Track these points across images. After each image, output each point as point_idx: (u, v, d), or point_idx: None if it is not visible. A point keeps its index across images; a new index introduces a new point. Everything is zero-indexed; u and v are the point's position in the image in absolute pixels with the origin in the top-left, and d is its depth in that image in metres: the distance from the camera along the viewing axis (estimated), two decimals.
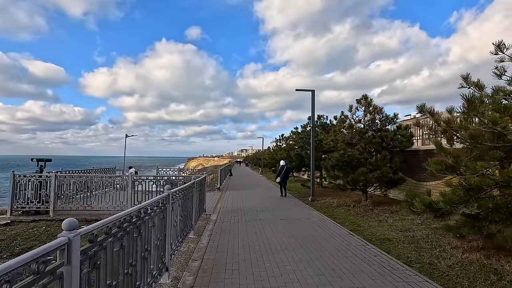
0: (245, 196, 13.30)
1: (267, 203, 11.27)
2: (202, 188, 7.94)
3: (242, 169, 48.83)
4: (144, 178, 9.01)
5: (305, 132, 15.94)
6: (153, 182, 9.15)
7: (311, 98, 12.06)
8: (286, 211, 9.42)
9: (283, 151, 23.34)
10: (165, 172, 15.46)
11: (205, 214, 8.63)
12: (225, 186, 18.00)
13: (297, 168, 16.81)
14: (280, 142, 30.77)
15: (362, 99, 10.54)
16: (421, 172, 10.49)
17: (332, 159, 10.09)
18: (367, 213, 8.98)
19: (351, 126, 9.74)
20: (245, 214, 8.89)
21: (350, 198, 11.71)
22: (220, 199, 12.23)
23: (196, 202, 6.89)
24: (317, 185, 16.35)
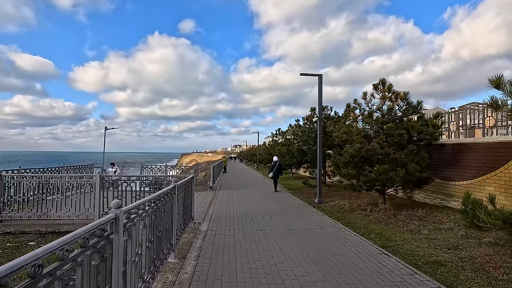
0: (241, 197, 11.64)
1: (267, 205, 9.65)
2: (188, 191, 6.26)
3: (236, 165, 47.13)
4: (116, 179, 7.24)
5: (308, 125, 14.30)
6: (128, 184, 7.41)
7: (318, 84, 10.41)
8: (292, 218, 7.80)
9: (281, 146, 21.72)
10: (151, 170, 13.68)
11: (193, 223, 6.95)
12: (219, 185, 16.31)
13: (298, 164, 15.19)
14: (276, 136, 29.13)
15: (380, 84, 8.93)
16: (447, 170, 8.97)
17: (345, 155, 8.49)
18: (390, 220, 7.43)
19: (370, 115, 8.12)
20: (242, 222, 7.24)
21: (363, 200, 10.17)
22: (212, 201, 10.55)
23: (179, 212, 5.21)
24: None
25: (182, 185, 5.40)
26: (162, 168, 13.50)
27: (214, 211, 8.75)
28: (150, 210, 3.33)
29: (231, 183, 17.42)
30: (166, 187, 4.50)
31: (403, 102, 8.14)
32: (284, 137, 27.98)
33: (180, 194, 5.30)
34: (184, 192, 5.73)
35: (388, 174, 7.48)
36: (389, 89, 8.58)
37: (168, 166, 13.98)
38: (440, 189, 9.20)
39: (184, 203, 5.75)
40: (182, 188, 5.42)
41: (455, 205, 8.72)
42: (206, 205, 9.80)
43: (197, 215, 8.03)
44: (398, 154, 7.67)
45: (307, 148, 13.76)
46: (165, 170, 13.43)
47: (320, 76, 10.45)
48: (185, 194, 5.85)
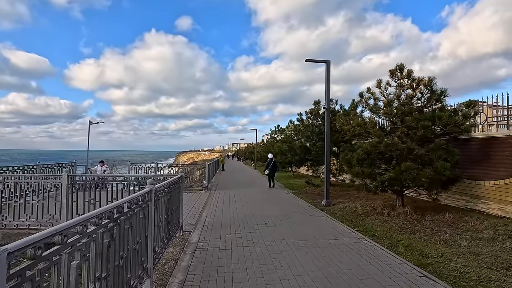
0: (239, 198, 10.48)
1: (269, 208, 8.50)
2: (174, 194, 5.09)
3: (233, 163, 45.92)
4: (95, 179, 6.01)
5: (312, 120, 13.14)
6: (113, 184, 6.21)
7: (326, 72, 9.25)
8: (299, 224, 6.66)
9: (281, 143, 20.58)
10: (140, 168, 12.47)
11: (181, 232, 5.78)
12: (215, 184, 15.13)
13: (300, 162, 14.04)
14: (275, 134, 27.98)
15: (397, 70, 7.79)
16: (474, 168, 7.86)
17: (359, 151, 7.36)
18: (415, 227, 6.31)
19: (389, 104, 6.96)
20: (241, 230, 6.08)
21: (376, 202, 9.06)
22: (207, 204, 9.38)
23: (160, 223, 4.04)
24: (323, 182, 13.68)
25: (164, 188, 4.22)
26: (152, 166, 12.30)
27: (208, 215, 7.58)
28: (102, 231, 2.16)
29: (228, 182, 16.24)
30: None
31: (427, 89, 7.00)
32: (283, 134, 26.85)
33: (162, 200, 4.13)
34: (168, 196, 4.56)
35: (411, 172, 6.35)
36: (409, 75, 7.44)
37: (162, 164, 12.78)
38: (465, 190, 8.10)
39: (168, 210, 4.58)
40: (164, 192, 4.25)
41: (484, 208, 7.64)
42: (199, 208, 8.63)
43: (187, 222, 6.86)
44: (423, 150, 6.54)
45: (310, 145, 12.62)
46: (155, 168, 12.24)
47: (328, 63, 9.30)
48: (169, 198, 4.68)
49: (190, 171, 16.06)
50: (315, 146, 12.26)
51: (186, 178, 15.65)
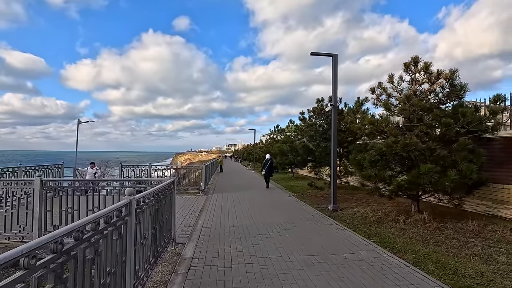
0: (239, 202, 9.74)
1: (272, 214, 7.77)
2: (165, 202, 4.34)
3: (231, 164, 45.14)
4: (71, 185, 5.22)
5: (315, 119, 12.42)
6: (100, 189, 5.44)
7: (332, 66, 8.55)
8: (308, 234, 5.93)
9: (281, 144, 19.86)
10: (132, 170, 11.67)
11: (173, 245, 5.03)
12: (212, 187, 14.37)
13: (302, 163, 13.31)
14: (275, 134, 27.26)
15: (412, 63, 7.10)
16: (496, 170, 7.18)
17: (372, 152, 6.65)
18: (437, 237, 5.61)
19: (408, 99, 6.24)
20: (242, 242, 5.34)
21: (387, 206, 8.35)
22: (203, 209, 8.62)
23: (144, 240, 3.29)
24: (328, 184, 12.98)
25: (150, 198, 3.48)
26: (146, 168, 11.53)
27: (205, 223, 6.82)
28: (40, 273, 1.42)
29: (226, 185, 15.48)
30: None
31: (448, 83, 6.30)
32: (283, 134, 26.14)
33: (147, 211, 3.38)
34: (156, 205, 3.81)
35: (432, 176, 5.65)
36: (426, 68, 6.75)
37: (156, 166, 12.00)
38: (486, 194, 7.42)
39: (156, 222, 3.83)
40: (150, 202, 3.50)
41: (508, 214, 6.96)
42: (195, 214, 7.87)
43: (181, 231, 6.11)
44: (445, 150, 5.84)
45: (314, 145, 11.90)
46: (149, 170, 11.47)
47: (335, 56, 8.59)
48: (158, 208, 3.93)
49: (187, 173, 15.31)
50: (318, 147, 11.56)
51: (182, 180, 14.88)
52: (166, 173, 11.91)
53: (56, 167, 10.83)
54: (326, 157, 12.22)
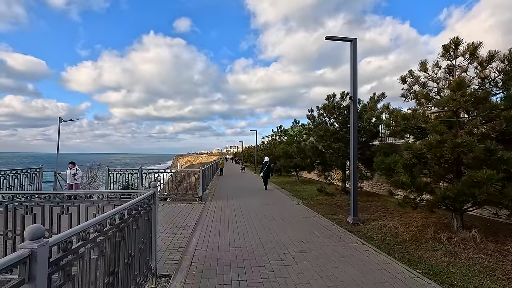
0: (241, 213, 8.41)
1: (281, 228, 6.43)
2: (137, 227, 3.02)
3: (232, 167, 43.74)
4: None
5: (326, 117, 11.08)
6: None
7: (352, 52, 7.25)
8: (331, 259, 4.59)
9: (285, 145, 18.55)
10: (120, 175, 10.34)
11: (153, 281, 3.68)
12: (211, 192, 13.03)
13: (311, 166, 11.97)
14: (277, 135, 25.94)
15: (452, 44, 5.78)
16: None
17: (407, 154, 5.32)
18: (504, 265, 4.26)
19: (460, 86, 4.88)
20: (247, 275, 4.00)
21: (415, 217, 7.01)
22: (199, 222, 7.29)
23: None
24: (340, 190, 11.65)
25: (101, 229, 2.15)
26: (136, 173, 10.20)
27: (200, 242, 5.48)
28: None
29: (226, 190, 14.14)
30: None
31: (509, 66, 4.97)
32: (286, 135, 24.83)
33: (103, 246, 2.06)
34: (119, 235, 2.48)
35: (494, 184, 4.31)
36: (474, 50, 5.43)
37: (148, 169, 10.67)
38: None
39: (119, 259, 2.50)
40: (110, 232, 2.18)
41: None
42: (188, 229, 6.53)
43: (169, 254, 4.78)
44: (508, 152, 4.50)
45: (324, 146, 10.58)
46: (140, 175, 10.14)
47: (354, 41, 7.30)
48: (122, 239, 2.60)
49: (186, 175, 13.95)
50: (329, 148, 10.23)
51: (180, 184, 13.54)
52: (159, 177, 10.58)
53: (33, 171, 9.52)
54: (338, 159, 10.90)
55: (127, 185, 10.29)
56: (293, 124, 18.56)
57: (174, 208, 9.04)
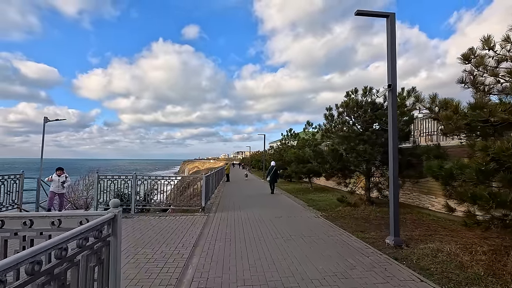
0: (250, 229, 6.95)
1: (305, 254, 4.95)
2: (88, 267, 1.63)
3: (239, 172, 42.28)
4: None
5: (348, 113, 9.58)
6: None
7: (389, 30, 5.82)
8: None
9: (297, 149, 17.06)
10: (112, 182, 9.01)
11: None
12: (216, 201, 11.61)
13: (329, 173, 10.43)
14: (287, 139, 24.44)
15: None
16: None
17: (480, 156, 3.82)
18: None
19: None
20: None
21: (472, 238, 5.43)
22: (199, 241, 5.85)
23: None
24: (364, 200, 10.08)
25: None
26: (129, 180, 8.85)
27: (196, 278, 4.04)
28: None
29: (233, 198, 12.70)
30: None
31: None
32: (297, 139, 23.33)
33: None
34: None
35: None
36: None
37: (143, 177, 9.33)
38: None
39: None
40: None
41: None
42: (184, 254, 5.09)
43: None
44: None
45: (347, 149, 9.08)
46: (134, 182, 8.79)
47: (391, 17, 5.87)
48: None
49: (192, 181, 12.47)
50: (354, 151, 8.73)
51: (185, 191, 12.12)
52: (156, 184, 9.22)
53: (12, 178, 8.30)
54: (362, 164, 9.36)
55: (120, 195, 8.96)
56: (306, 127, 17.10)
57: (172, 222, 7.65)
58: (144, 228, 6.88)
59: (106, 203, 8.90)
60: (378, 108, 9.63)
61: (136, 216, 8.32)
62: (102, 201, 8.86)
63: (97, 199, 8.78)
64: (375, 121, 9.20)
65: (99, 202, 8.82)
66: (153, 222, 7.60)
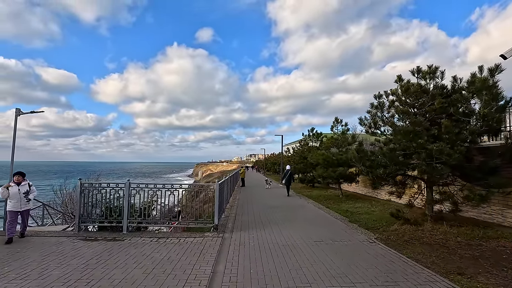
0: (285, 267, 4.68)
1: None
2: None
3: (253, 175, 40.01)
4: None
5: (413, 100, 7.10)
6: None
7: None
8: None
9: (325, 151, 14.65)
10: (99, 192, 6.98)
11: None
12: (231, 214, 9.41)
13: (384, 178, 7.88)
14: (308, 139, 21.98)
15: None
16: None
17: None
18: None
19: None
20: None
21: None
22: None
23: None
24: (429, 216, 7.59)
25: None
26: (121, 189, 6.77)
27: None
28: None
29: (252, 209, 10.45)
30: None
31: None
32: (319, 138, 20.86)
33: None
34: None
35: None
36: None
37: (139, 185, 7.21)
38: None
39: None
40: None
41: None
42: None
43: None
44: None
45: (410, 148, 6.65)
46: (128, 192, 6.70)
47: None
48: None
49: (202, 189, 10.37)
50: (423, 151, 6.32)
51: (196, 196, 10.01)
52: (155, 195, 7.09)
53: None
54: (431, 169, 6.88)
55: (111, 207, 6.90)
56: (334, 124, 14.65)
57: (173, 248, 5.49)
58: (132, 261, 4.76)
59: (92, 219, 6.88)
60: (448, 95, 7.15)
61: (128, 238, 6.23)
62: (86, 216, 6.83)
63: (79, 214, 6.75)
64: (447, 110, 6.74)
65: (82, 217, 6.79)
66: (147, 249, 5.47)
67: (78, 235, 6.48)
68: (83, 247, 5.58)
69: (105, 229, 7.02)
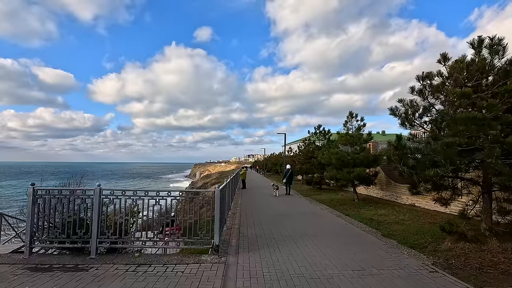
0: None
1: None
2: None
3: (253, 176, 38.14)
4: None
5: (468, 79, 5.42)
6: None
7: None
8: None
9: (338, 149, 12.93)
10: (59, 199, 5.22)
11: None
12: (233, 225, 7.67)
13: (432, 180, 6.08)
14: (317, 137, 20.25)
15: None
16: None
17: None
18: None
19: None
20: None
21: None
22: None
23: None
24: (487, 229, 5.90)
25: None
26: (91, 198, 5.02)
27: None
28: None
29: (258, 218, 8.70)
30: None
31: None
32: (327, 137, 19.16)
33: None
34: None
35: None
36: None
37: (114, 192, 5.42)
38: None
39: None
40: None
41: None
42: None
43: None
44: None
45: (475, 142, 4.96)
46: (98, 202, 4.97)
47: None
48: None
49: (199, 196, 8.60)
50: (498, 145, 4.61)
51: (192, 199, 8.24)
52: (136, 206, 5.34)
53: None
54: (499, 168, 5.17)
55: (76, 221, 5.14)
56: (348, 119, 12.95)
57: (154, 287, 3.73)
58: None
59: (49, 238, 5.10)
60: None
61: (96, 267, 4.47)
62: (41, 234, 5.06)
63: (31, 232, 4.97)
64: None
65: (34, 235, 5.03)
66: (119, 287, 3.72)
67: (28, 261, 4.72)
68: (24, 284, 3.82)
69: (68, 251, 5.27)
